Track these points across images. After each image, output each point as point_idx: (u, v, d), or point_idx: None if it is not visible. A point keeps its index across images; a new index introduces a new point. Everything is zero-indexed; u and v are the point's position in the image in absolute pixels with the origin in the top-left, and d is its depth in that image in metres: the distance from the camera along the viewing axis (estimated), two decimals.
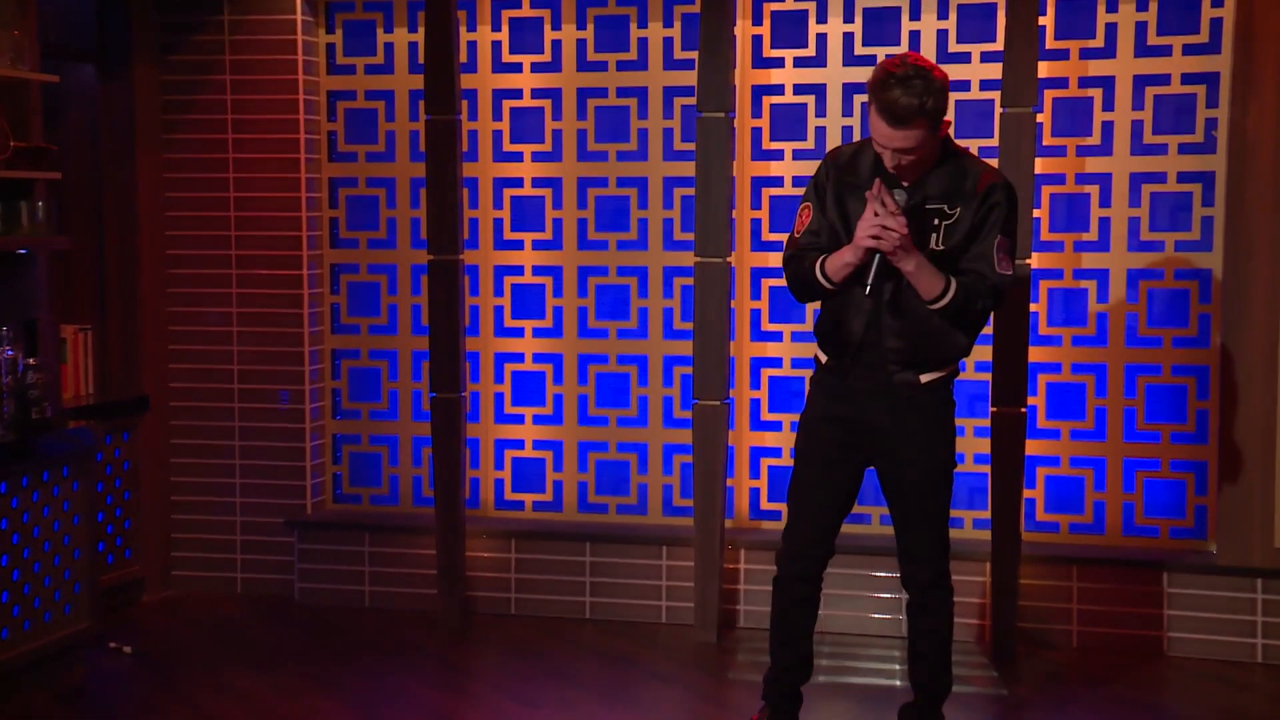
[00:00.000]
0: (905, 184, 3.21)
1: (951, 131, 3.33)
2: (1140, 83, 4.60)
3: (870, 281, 3.16)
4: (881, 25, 4.74)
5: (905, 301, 3.27)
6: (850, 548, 4.62)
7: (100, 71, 5.03)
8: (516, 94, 5.05)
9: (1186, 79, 4.57)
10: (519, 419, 5.13)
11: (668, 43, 4.91)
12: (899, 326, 3.29)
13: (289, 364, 5.12)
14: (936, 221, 3.21)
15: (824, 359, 3.48)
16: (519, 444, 5.14)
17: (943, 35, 4.69)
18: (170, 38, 5.11)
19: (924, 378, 3.33)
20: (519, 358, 5.11)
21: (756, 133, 4.87)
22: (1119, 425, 4.68)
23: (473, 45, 5.04)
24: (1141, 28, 4.59)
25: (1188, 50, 4.56)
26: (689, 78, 4.83)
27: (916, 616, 3.51)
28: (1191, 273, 4.62)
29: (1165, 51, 4.58)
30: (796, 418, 4.61)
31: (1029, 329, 4.46)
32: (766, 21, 4.82)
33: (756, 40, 4.84)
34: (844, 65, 4.79)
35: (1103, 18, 4.59)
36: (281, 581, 5.18)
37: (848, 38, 4.77)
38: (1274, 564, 4.42)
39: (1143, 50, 4.59)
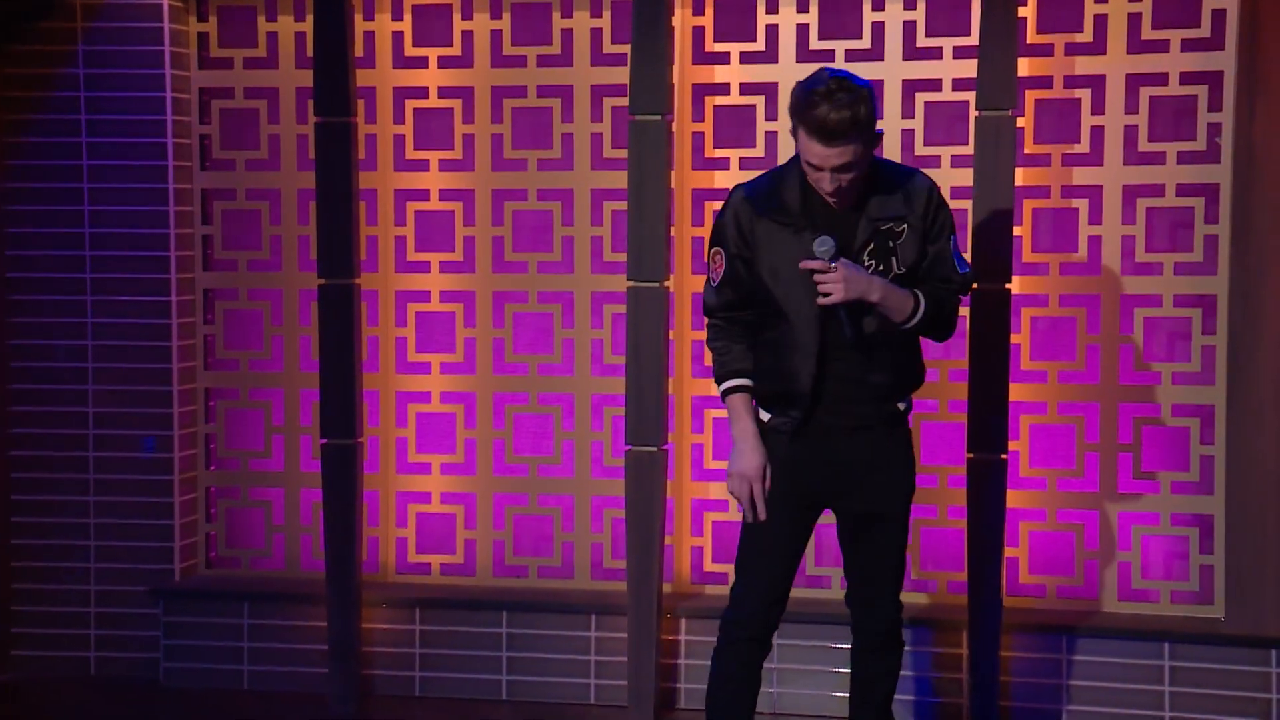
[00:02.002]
0: (849, 205, 3.40)
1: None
2: (1134, 82, 4.57)
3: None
4: (840, 16, 4.71)
5: (886, 335, 3.46)
6: (809, 615, 4.57)
7: None
8: (421, 93, 4.99)
9: (1186, 78, 4.53)
10: (425, 468, 5.06)
11: (596, 34, 4.87)
12: (883, 360, 3.49)
13: (154, 405, 5.00)
14: (891, 243, 3.43)
15: (766, 418, 3.57)
16: (425, 497, 5.06)
17: (910, 27, 4.67)
18: (10, 24, 4.98)
19: (902, 405, 3.58)
20: (425, 397, 5.04)
21: (698, 138, 4.84)
22: (1113, 473, 4.64)
23: (370, 36, 4.97)
24: (1135, 20, 4.55)
25: (1187, 46, 4.52)
26: (621, 75, 4.76)
27: (873, 659, 3.68)
28: (1194, 299, 4.58)
29: (1162, 47, 4.54)
30: None
31: (1010, 364, 4.40)
32: (709, 10, 4.78)
33: (698, 32, 4.80)
34: (798, 61, 4.72)
35: (1091, 8, 4.56)
36: (144, 661, 5.04)
37: (802, 29, 4.73)
38: None
39: (1136, 46, 4.56)
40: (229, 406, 5.12)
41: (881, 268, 3.41)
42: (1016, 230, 4.54)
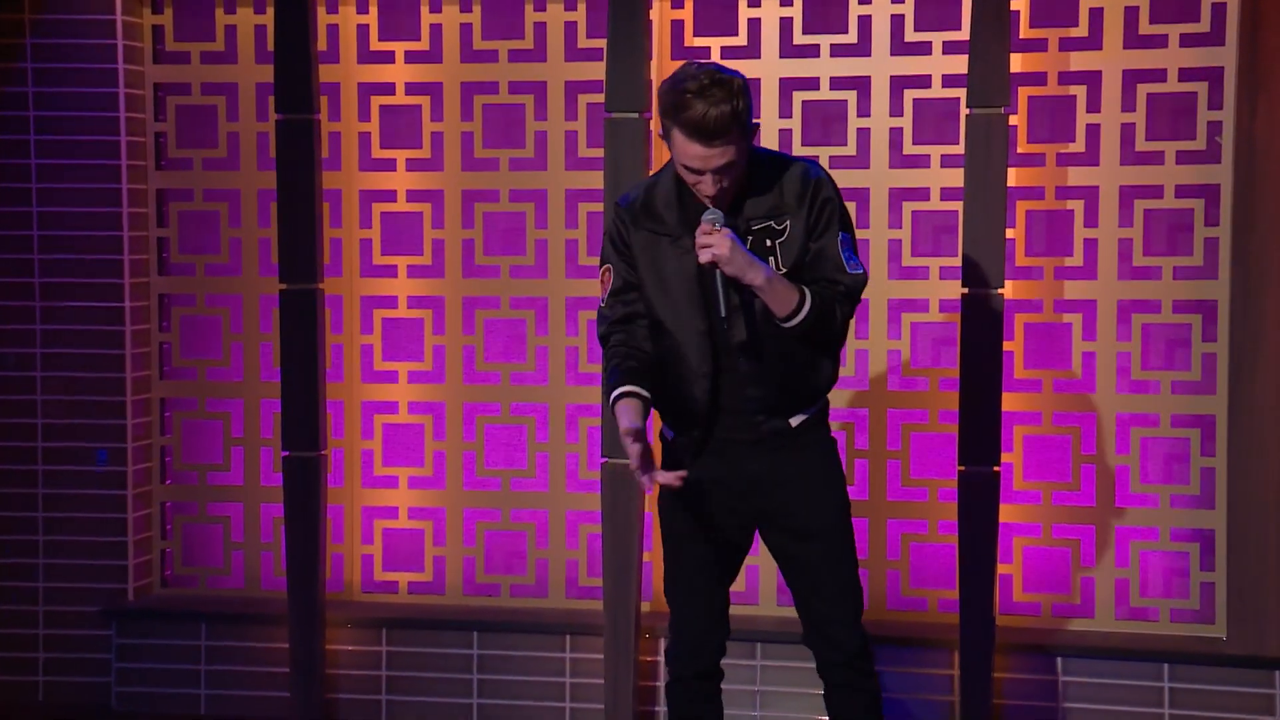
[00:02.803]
0: (726, 207, 3.28)
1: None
2: (1131, 79, 4.55)
3: (721, 307, 3.23)
4: (825, 9, 4.70)
5: (757, 343, 3.31)
6: (786, 635, 4.53)
7: None
8: (388, 89, 4.97)
9: (1185, 75, 4.52)
10: (392, 482, 5.03)
11: (570, 28, 4.84)
12: (755, 371, 3.35)
13: (107, 416, 4.95)
14: (769, 242, 3.30)
15: (669, 436, 3.52)
16: (392, 512, 5.03)
17: (898, 21, 4.65)
18: None
19: (794, 421, 3.42)
20: (392, 407, 5.01)
21: None
22: (1110, 487, 4.62)
23: (334, 29, 4.95)
24: (1132, 14, 4.53)
25: (1186, 41, 4.51)
26: (596, 70, 4.75)
27: (839, 699, 3.52)
28: (1194, 305, 4.57)
29: (1160, 42, 4.52)
30: None
31: (1002, 372, 4.38)
32: (689, 4, 4.76)
33: (677, 26, 4.78)
34: (781, 57, 4.71)
35: (1086, 1, 4.55)
36: (95, 686, 4.99)
37: (785, 23, 4.71)
38: None
39: (1134, 40, 4.53)
40: (186, 417, 5.07)
41: None
42: (1009, 233, 4.52)
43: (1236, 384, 4.40)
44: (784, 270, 3.27)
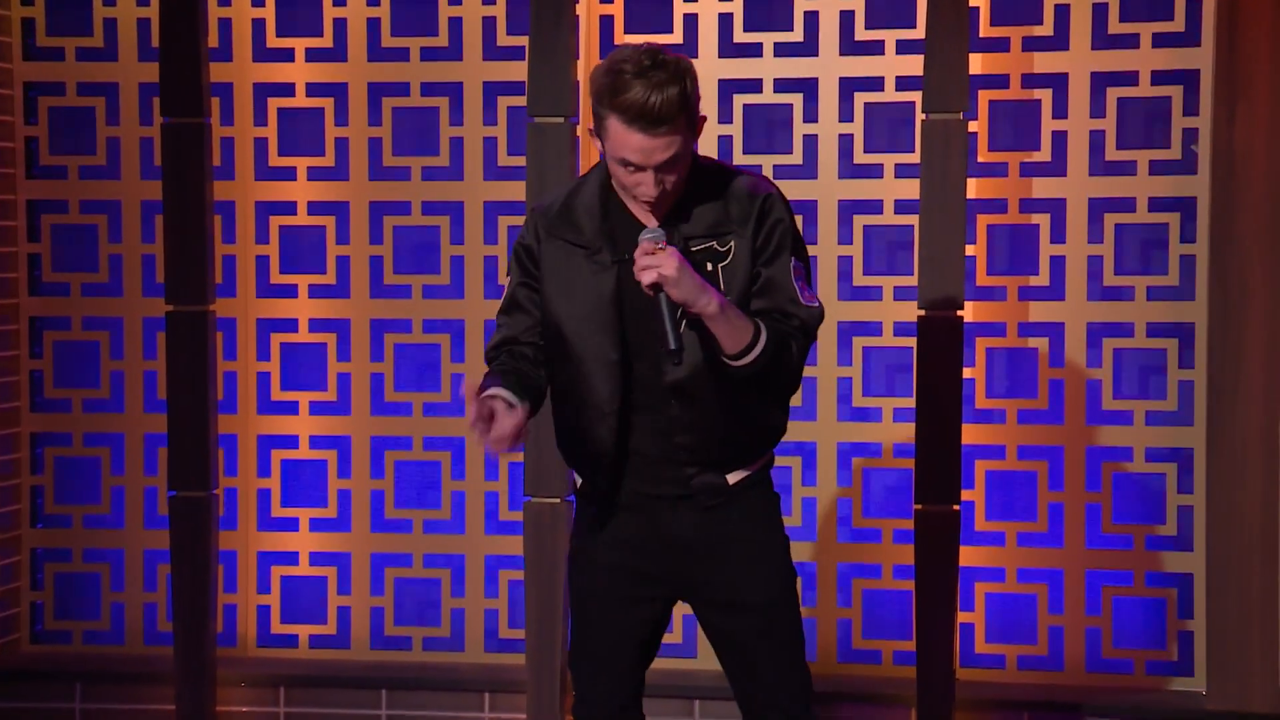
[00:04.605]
0: (662, 219, 3.08)
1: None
2: (1100, 82, 4.55)
3: (671, 338, 2.98)
4: (769, 4, 4.68)
5: (693, 383, 3.08)
6: (726, 692, 4.31)
7: None
8: (287, 90, 4.91)
9: (1158, 78, 4.53)
10: (291, 524, 4.96)
11: (489, 24, 4.80)
12: (690, 417, 3.11)
13: None
14: (710, 266, 3.09)
15: (579, 481, 3.29)
16: (291, 558, 4.96)
17: (847, 18, 4.63)
18: None
19: (732, 477, 3.19)
20: (291, 442, 4.95)
21: None
22: (1080, 527, 4.60)
23: (226, 24, 4.89)
24: (1100, 11, 4.53)
25: (1159, 41, 4.52)
26: (518, 71, 4.70)
27: None
28: (1169, 328, 4.56)
29: (1131, 42, 4.53)
30: None
31: (963, 402, 4.35)
32: None
33: (606, 22, 4.74)
34: (720, 56, 4.69)
35: None
36: None
37: (724, 20, 4.68)
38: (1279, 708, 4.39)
39: (1103, 40, 4.54)
40: (59, 454, 5.00)
41: None
42: (969, 250, 4.50)
43: (1216, 415, 4.38)
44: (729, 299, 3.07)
